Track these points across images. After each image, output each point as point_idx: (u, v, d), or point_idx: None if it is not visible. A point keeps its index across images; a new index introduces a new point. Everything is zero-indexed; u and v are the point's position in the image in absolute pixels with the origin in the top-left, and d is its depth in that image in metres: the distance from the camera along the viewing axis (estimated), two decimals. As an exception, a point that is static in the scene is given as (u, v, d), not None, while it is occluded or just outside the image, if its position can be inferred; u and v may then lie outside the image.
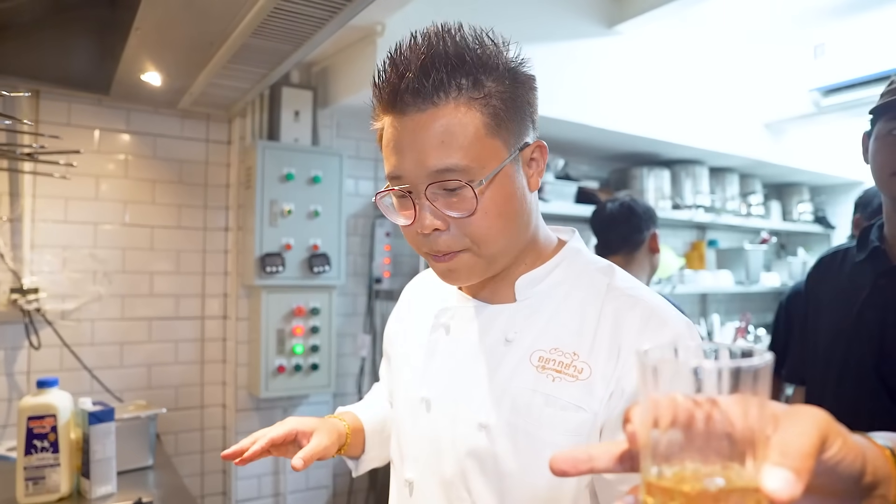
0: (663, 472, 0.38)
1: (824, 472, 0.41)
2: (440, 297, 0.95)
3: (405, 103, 0.76)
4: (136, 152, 2.39)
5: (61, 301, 2.24)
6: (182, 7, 1.48)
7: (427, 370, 0.90)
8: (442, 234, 0.79)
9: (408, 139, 0.77)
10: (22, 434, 1.59)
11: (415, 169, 0.77)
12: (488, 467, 0.80)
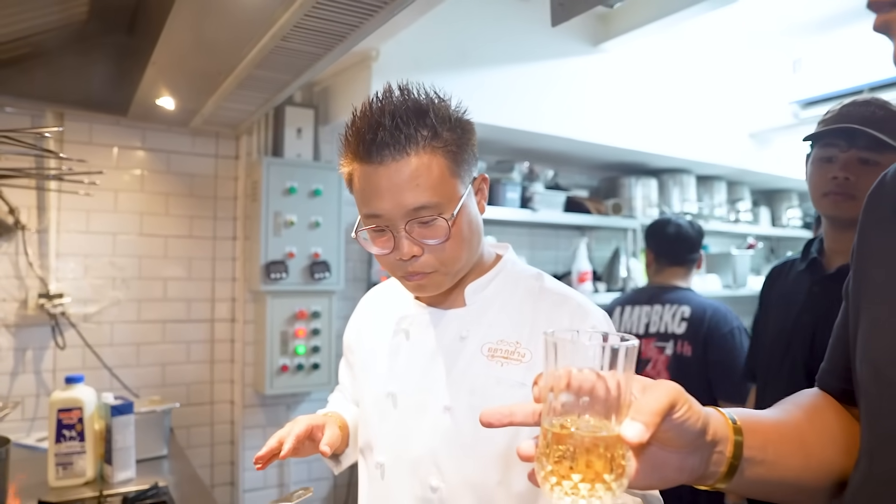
0: (556, 424, 0.54)
1: (672, 427, 0.56)
2: (397, 307, 1.12)
3: (382, 155, 0.92)
4: (151, 168, 2.59)
5: (84, 305, 2.44)
6: (193, 45, 1.67)
7: (392, 370, 1.07)
8: (418, 259, 0.96)
9: (385, 184, 0.92)
10: (52, 424, 1.79)
11: (393, 208, 0.93)
12: (453, 442, 0.99)
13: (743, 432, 0.63)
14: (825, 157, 1.46)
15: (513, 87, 2.71)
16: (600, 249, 3.73)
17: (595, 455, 0.53)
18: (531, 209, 3.01)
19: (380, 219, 0.95)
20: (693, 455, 0.60)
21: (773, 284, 1.74)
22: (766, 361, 1.62)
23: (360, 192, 0.97)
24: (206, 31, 1.57)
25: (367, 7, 1.43)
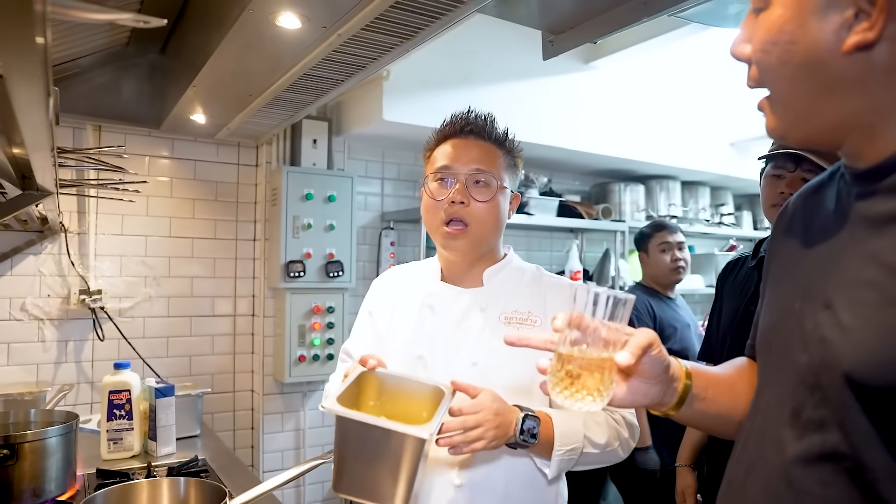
0: (568, 348, 0.80)
1: (648, 361, 0.80)
2: (420, 286, 1.40)
3: (468, 133, 1.33)
4: (179, 175, 2.83)
5: (119, 301, 2.68)
6: (233, 73, 1.91)
7: (419, 337, 1.33)
8: (465, 206, 1.27)
9: (463, 149, 1.31)
10: (104, 405, 2.02)
11: (463, 164, 1.29)
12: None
13: (692, 377, 0.88)
14: (775, 175, 1.72)
15: (511, 101, 2.96)
16: (591, 250, 3.98)
17: (592, 372, 0.77)
18: (527, 213, 3.26)
19: (449, 170, 1.29)
20: (656, 386, 0.84)
21: (727, 278, 2.00)
22: (719, 344, 1.87)
23: (439, 154, 1.32)
24: (246, 63, 1.82)
25: (387, 45, 1.67)
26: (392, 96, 2.66)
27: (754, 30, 0.72)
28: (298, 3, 1.43)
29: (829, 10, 0.65)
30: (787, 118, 0.73)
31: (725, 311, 1.90)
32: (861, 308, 0.66)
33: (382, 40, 1.65)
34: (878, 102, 0.67)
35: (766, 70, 0.72)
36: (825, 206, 0.79)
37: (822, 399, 0.68)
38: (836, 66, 0.66)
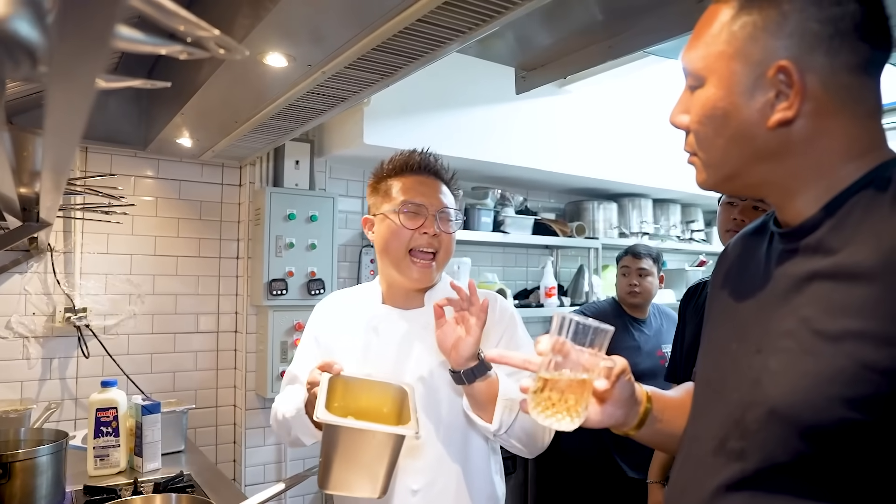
0: (549, 372, 0.89)
1: (619, 386, 0.91)
2: (363, 309, 1.50)
3: (431, 173, 1.47)
4: (164, 195, 2.89)
5: (104, 318, 2.73)
6: (221, 103, 1.99)
7: (367, 357, 1.43)
8: (434, 239, 1.40)
9: (431, 187, 1.44)
10: (92, 422, 2.08)
11: (434, 201, 1.42)
12: (430, 399, 1.39)
13: (652, 400, 0.99)
14: (729, 202, 1.84)
15: (487, 124, 3.07)
16: (566, 266, 4.11)
17: (572, 394, 0.87)
18: (503, 232, 3.37)
19: (420, 206, 1.41)
20: (620, 408, 0.94)
21: (689, 302, 2.12)
22: (683, 365, 1.99)
23: (405, 190, 1.43)
24: (233, 95, 1.90)
25: (368, 80, 1.77)
26: (372, 121, 2.75)
27: (690, 104, 0.83)
28: (285, 44, 1.52)
29: (756, 91, 0.76)
30: (717, 177, 0.84)
31: (688, 334, 2.01)
32: (783, 355, 0.75)
33: (364, 77, 1.74)
34: (796, 169, 0.78)
35: (702, 139, 0.82)
36: (759, 253, 0.88)
37: (743, 433, 0.77)
38: (762, 138, 0.77)
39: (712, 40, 0.79)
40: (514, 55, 1.88)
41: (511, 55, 1.90)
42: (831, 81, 0.74)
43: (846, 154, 0.77)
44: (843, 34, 0.73)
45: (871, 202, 0.73)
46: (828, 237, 0.75)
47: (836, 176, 0.77)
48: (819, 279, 0.74)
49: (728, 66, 0.77)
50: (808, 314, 0.73)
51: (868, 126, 0.77)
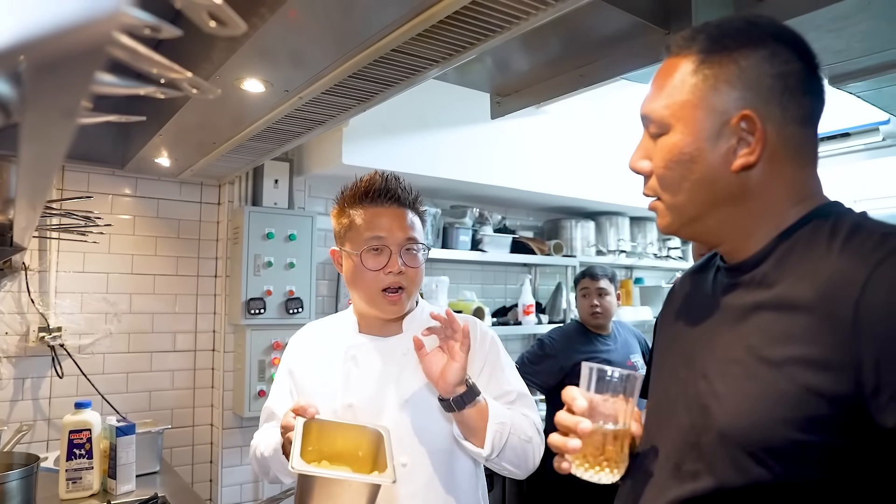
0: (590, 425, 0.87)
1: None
2: (340, 339, 1.49)
3: (396, 200, 1.41)
4: (142, 213, 2.89)
5: (79, 338, 2.71)
6: (198, 125, 2.01)
7: (347, 386, 1.42)
8: (400, 277, 1.37)
9: (393, 219, 1.39)
10: (64, 444, 2.06)
11: (397, 236, 1.38)
12: (414, 425, 1.38)
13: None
14: None
15: (465, 144, 3.11)
16: (544, 284, 4.15)
17: (614, 446, 0.88)
18: (481, 250, 3.40)
19: (383, 240, 1.38)
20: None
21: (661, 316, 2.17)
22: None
23: (366, 224, 1.39)
24: (211, 117, 1.92)
25: (345, 105, 1.80)
26: (351, 141, 2.78)
27: (654, 150, 0.89)
28: (262, 71, 1.55)
29: (720, 138, 0.82)
30: (681, 220, 0.89)
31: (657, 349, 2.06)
32: (730, 381, 0.81)
33: (341, 102, 1.77)
34: (751, 212, 0.85)
35: (668, 183, 0.87)
36: (706, 287, 0.95)
37: (699, 455, 0.82)
38: (724, 181, 0.84)
39: (675, 91, 0.85)
40: (490, 81, 1.93)
41: (486, 81, 1.94)
42: (783, 131, 0.82)
43: (793, 198, 0.84)
44: (792, 89, 0.81)
45: (809, 241, 0.80)
46: (771, 272, 0.82)
47: (783, 218, 0.84)
48: (762, 310, 0.81)
49: (693, 115, 0.83)
50: (753, 342, 0.79)
51: (809, 173, 0.86)
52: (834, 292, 0.73)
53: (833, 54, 1.75)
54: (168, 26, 0.49)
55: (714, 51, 0.83)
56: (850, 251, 0.75)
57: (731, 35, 0.83)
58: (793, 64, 0.81)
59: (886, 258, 0.72)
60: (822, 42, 1.67)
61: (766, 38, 0.82)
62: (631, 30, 1.64)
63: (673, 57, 0.87)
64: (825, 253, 0.77)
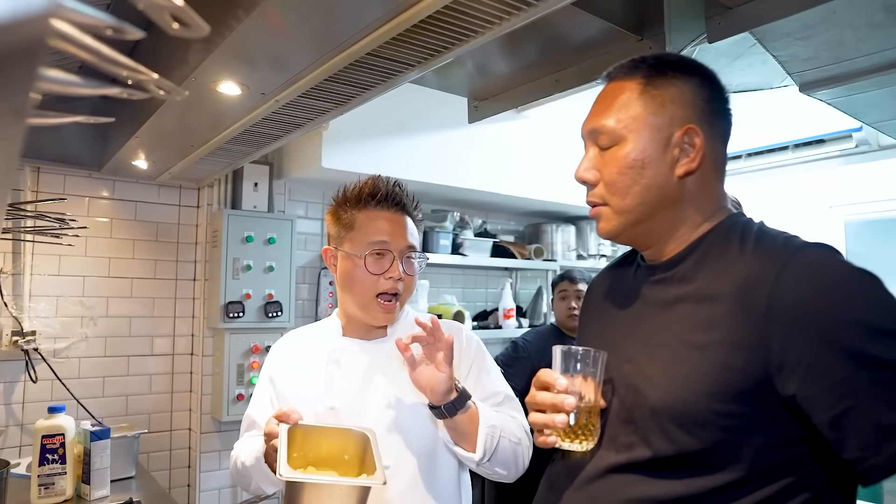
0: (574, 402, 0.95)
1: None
2: (323, 343, 1.49)
3: (397, 206, 1.42)
4: (119, 216, 2.87)
5: (54, 342, 2.68)
6: (175, 128, 2.00)
7: (330, 389, 1.41)
8: (398, 283, 1.38)
9: (397, 225, 1.40)
10: (37, 449, 2.04)
11: (399, 242, 1.39)
12: (398, 427, 1.38)
13: None
14: None
15: (445, 148, 3.13)
16: (525, 288, 4.17)
17: (591, 418, 0.96)
18: (462, 254, 3.42)
19: (386, 245, 1.38)
20: None
21: None
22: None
23: (372, 228, 1.39)
24: (188, 120, 1.92)
25: (322, 109, 1.81)
26: (331, 145, 2.78)
27: (602, 161, 1.00)
28: (238, 74, 1.55)
29: (667, 148, 0.96)
30: (626, 222, 0.99)
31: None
32: (658, 363, 0.93)
33: (318, 105, 1.78)
34: (683, 215, 0.98)
35: (619, 187, 0.98)
36: (625, 283, 1.08)
37: (633, 429, 0.93)
38: (670, 186, 0.97)
39: (625, 108, 0.98)
40: (467, 86, 1.94)
41: (464, 86, 1.95)
42: (712, 146, 0.97)
43: (712, 207, 0.99)
44: (717, 112, 0.98)
45: (723, 244, 0.95)
46: (691, 270, 0.96)
47: (700, 224, 0.99)
48: (685, 302, 0.94)
49: (644, 127, 0.96)
50: (678, 329, 0.92)
51: (722, 185, 1.02)
52: (750, 286, 0.86)
53: (802, 62, 1.78)
54: (131, 28, 0.49)
55: (656, 76, 0.97)
56: (761, 253, 0.89)
57: (669, 65, 0.98)
58: (715, 93, 0.98)
59: (791, 259, 0.86)
60: (790, 49, 1.71)
61: (695, 70, 0.99)
62: (605, 36, 1.67)
63: (616, 82, 1.01)
64: (738, 254, 0.91)
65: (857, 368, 0.80)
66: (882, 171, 4.08)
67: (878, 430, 0.79)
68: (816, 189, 4.51)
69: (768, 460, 0.85)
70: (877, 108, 2.26)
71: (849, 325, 0.81)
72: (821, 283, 0.84)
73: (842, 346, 0.80)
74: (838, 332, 0.81)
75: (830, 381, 0.80)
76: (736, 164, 3.88)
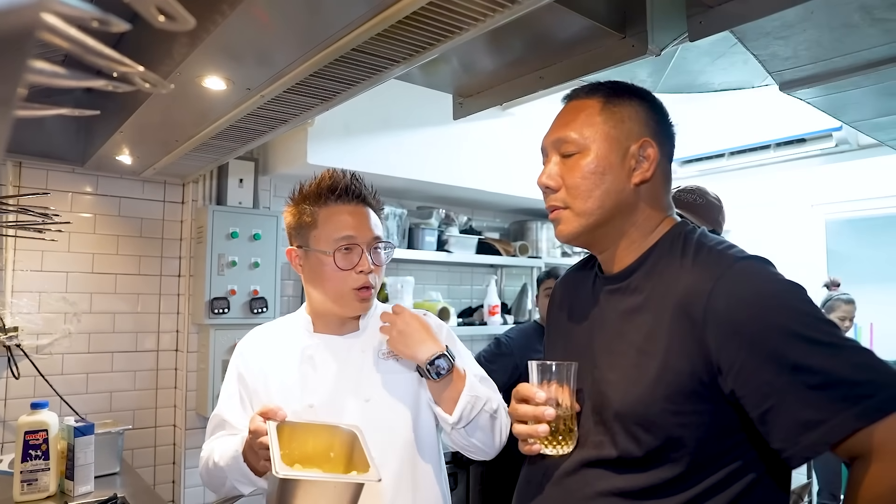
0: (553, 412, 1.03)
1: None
2: (293, 341, 1.47)
3: (362, 200, 1.44)
4: (103, 211, 2.85)
5: (36, 338, 2.66)
6: (160, 123, 2.00)
7: (306, 386, 1.40)
8: (370, 275, 1.40)
9: (361, 218, 1.41)
10: (19, 445, 2.03)
11: (365, 234, 1.40)
12: (377, 419, 1.38)
13: None
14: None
15: (430, 145, 3.14)
16: (510, 285, 4.19)
17: (568, 424, 1.05)
18: (447, 251, 3.43)
19: (353, 239, 1.39)
20: None
21: None
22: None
23: (334, 223, 1.39)
24: (173, 115, 1.91)
25: (307, 104, 1.81)
26: (316, 141, 2.79)
27: (566, 168, 1.09)
28: (223, 69, 1.55)
29: (625, 158, 1.07)
30: (585, 224, 1.08)
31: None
32: (618, 370, 1.03)
33: (303, 101, 1.78)
34: (636, 221, 1.09)
35: (581, 191, 1.07)
36: (584, 290, 1.18)
37: (604, 430, 1.03)
38: (626, 192, 1.07)
39: (588, 122, 1.09)
40: (452, 82, 1.95)
41: (449, 83, 1.97)
42: (661, 161, 1.08)
43: (659, 216, 1.10)
44: (664, 132, 1.10)
45: (668, 255, 1.05)
46: (641, 281, 1.06)
47: (650, 233, 1.09)
48: (637, 312, 1.04)
49: (606, 139, 1.07)
50: (633, 339, 1.02)
51: (668, 197, 1.13)
52: (689, 300, 0.96)
53: (781, 61, 1.81)
54: (117, 20, 0.50)
55: (614, 97, 1.09)
56: (698, 266, 0.99)
57: (624, 89, 1.11)
58: (661, 115, 1.11)
59: (724, 273, 0.96)
60: (770, 48, 1.74)
61: (646, 94, 1.11)
62: (589, 34, 1.68)
63: (577, 101, 1.13)
64: (679, 267, 1.02)
65: (779, 372, 0.89)
66: (861, 171, 4.15)
67: (796, 425, 0.88)
68: (797, 188, 4.58)
69: (716, 448, 0.96)
70: (855, 108, 2.30)
71: (771, 332, 0.91)
72: (749, 295, 0.94)
73: (767, 352, 0.90)
74: (763, 338, 0.91)
75: (757, 383, 0.91)
76: (718, 162, 3.93)
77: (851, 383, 0.87)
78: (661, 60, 2.20)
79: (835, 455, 0.89)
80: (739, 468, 0.96)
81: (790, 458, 0.90)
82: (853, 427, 0.85)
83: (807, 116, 3.26)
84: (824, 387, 0.87)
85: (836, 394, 0.87)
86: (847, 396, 0.86)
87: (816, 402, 0.87)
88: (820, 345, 0.89)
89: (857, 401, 0.86)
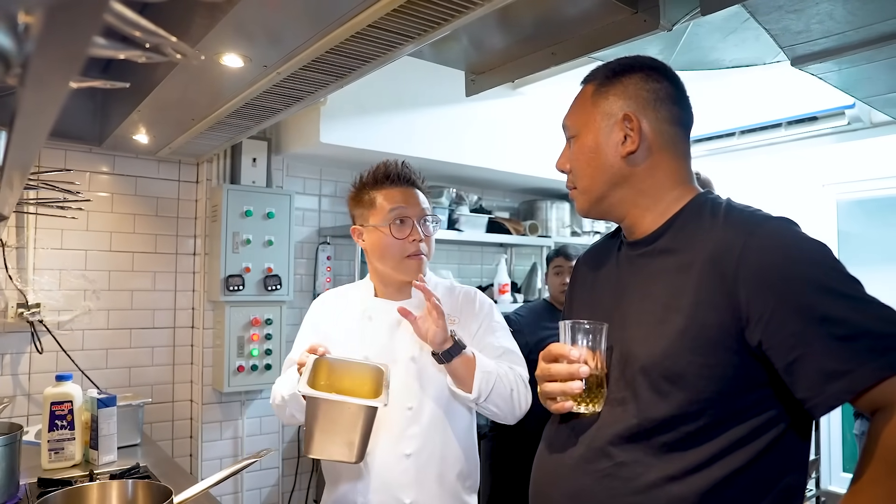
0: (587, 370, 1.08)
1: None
2: (357, 302, 1.74)
3: (410, 183, 1.69)
4: (120, 191, 2.90)
5: (58, 314, 2.72)
6: (178, 101, 2.03)
7: (363, 341, 1.66)
8: (422, 243, 1.63)
9: (412, 196, 1.66)
10: (46, 416, 2.09)
11: (416, 209, 1.65)
12: (421, 375, 1.60)
13: None
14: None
15: (442, 124, 3.16)
16: (520, 264, 4.22)
17: (600, 385, 1.09)
18: (458, 230, 3.46)
19: (405, 212, 1.63)
20: None
21: None
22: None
23: (390, 201, 1.64)
24: (190, 93, 1.94)
25: (323, 81, 1.84)
26: (329, 120, 2.81)
27: (571, 152, 1.19)
28: (241, 46, 1.58)
29: (611, 133, 1.13)
30: (591, 200, 1.17)
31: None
32: (644, 327, 1.07)
33: (319, 78, 1.81)
34: (644, 189, 1.13)
35: (578, 171, 1.17)
36: (609, 260, 1.23)
37: (624, 384, 1.08)
38: (617, 166, 1.13)
39: (582, 106, 1.18)
40: (465, 59, 1.97)
41: (462, 59, 1.98)
42: (658, 128, 1.12)
43: (672, 181, 1.13)
44: (662, 99, 1.13)
45: (696, 219, 1.09)
46: (670, 243, 1.10)
47: (667, 199, 1.13)
48: (665, 272, 1.08)
49: (593, 119, 1.15)
50: (660, 297, 1.06)
51: (684, 164, 1.15)
52: (719, 256, 1.00)
53: (793, 35, 1.82)
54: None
55: (608, 77, 1.15)
56: (729, 225, 1.03)
57: (619, 66, 1.16)
58: (662, 83, 1.13)
59: (755, 230, 1.00)
60: (782, 23, 1.74)
61: (642, 66, 1.14)
62: (601, 9, 1.70)
63: (583, 86, 1.21)
64: (710, 227, 1.05)
65: (807, 323, 0.93)
66: (874, 150, 4.13)
67: (821, 374, 0.92)
68: (809, 167, 4.57)
69: (742, 403, 1.00)
70: (868, 83, 2.30)
71: (801, 285, 0.95)
72: (780, 250, 0.98)
73: (796, 303, 0.94)
74: (793, 290, 0.95)
75: (785, 333, 0.94)
76: (729, 141, 3.92)
77: (877, 335, 0.90)
78: (672, 37, 2.20)
79: (855, 407, 0.93)
80: (764, 423, 0.99)
81: (814, 407, 0.93)
82: (878, 377, 0.88)
83: (819, 93, 3.25)
84: (850, 338, 0.90)
85: (862, 345, 0.90)
86: (873, 348, 0.89)
87: (842, 353, 0.90)
88: (847, 298, 0.93)
89: (883, 352, 0.89)
